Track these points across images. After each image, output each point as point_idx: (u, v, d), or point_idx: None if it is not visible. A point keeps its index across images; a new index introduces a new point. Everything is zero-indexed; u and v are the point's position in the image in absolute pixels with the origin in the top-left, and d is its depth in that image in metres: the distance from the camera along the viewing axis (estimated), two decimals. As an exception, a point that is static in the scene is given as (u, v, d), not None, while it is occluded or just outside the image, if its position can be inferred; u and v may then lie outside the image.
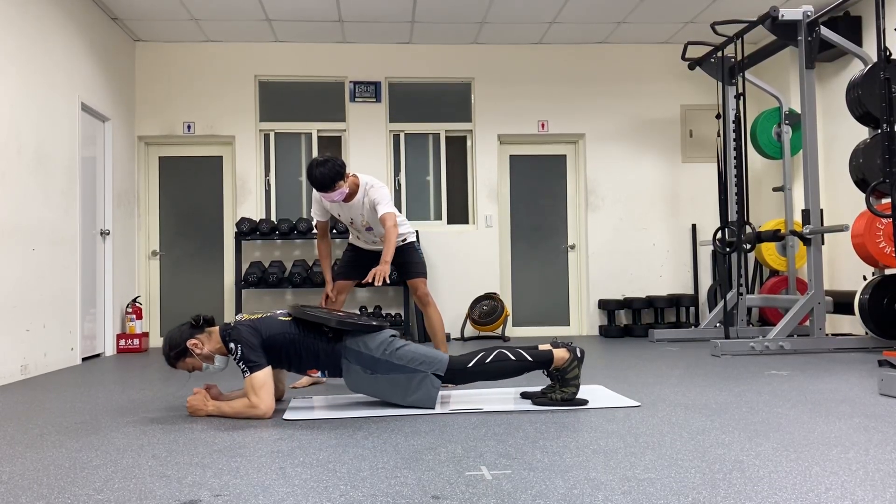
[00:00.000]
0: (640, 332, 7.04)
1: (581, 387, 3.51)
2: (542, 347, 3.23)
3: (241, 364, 3.04)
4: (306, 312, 3.18)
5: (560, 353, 3.19)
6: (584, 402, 3.22)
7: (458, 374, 3.18)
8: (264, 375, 3.04)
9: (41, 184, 5.07)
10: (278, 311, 3.29)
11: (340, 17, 6.63)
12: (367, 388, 3.19)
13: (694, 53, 6.90)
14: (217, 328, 3.21)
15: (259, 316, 3.21)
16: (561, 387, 3.20)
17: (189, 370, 3.22)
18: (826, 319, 5.56)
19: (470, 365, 3.17)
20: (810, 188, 5.46)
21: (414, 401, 3.14)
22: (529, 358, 3.17)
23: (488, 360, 3.17)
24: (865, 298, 5.28)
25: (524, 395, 3.38)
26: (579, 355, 3.21)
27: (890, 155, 4.25)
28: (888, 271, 5.60)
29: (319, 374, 3.20)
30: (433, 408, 3.14)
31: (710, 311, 7.04)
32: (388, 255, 3.80)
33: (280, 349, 3.14)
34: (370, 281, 3.68)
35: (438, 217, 7.47)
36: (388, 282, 3.75)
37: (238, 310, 6.78)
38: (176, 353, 3.17)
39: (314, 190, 3.98)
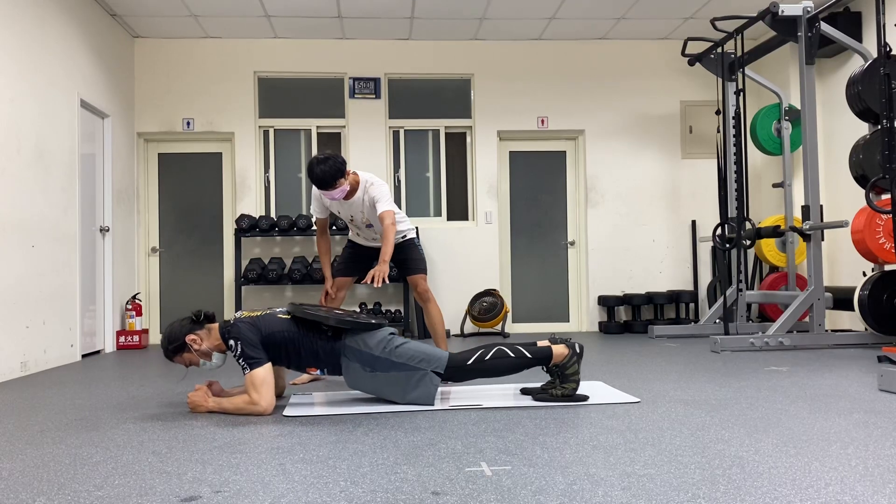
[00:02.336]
0: (640, 329, 7.04)
1: (581, 382, 3.51)
2: (540, 344, 3.24)
3: (240, 361, 3.04)
4: (305, 311, 3.18)
5: (559, 350, 3.19)
6: (585, 397, 3.23)
7: (458, 371, 3.18)
8: (264, 372, 3.05)
9: (41, 180, 5.07)
10: (278, 309, 3.28)
11: (340, 14, 6.62)
12: (367, 386, 3.19)
13: (694, 49, 6.90)
14: (217, 325, 3.22)
15: (259, 314, 3.20)
16: (561, 383, 3.21)
17: (186, 365, 3.23)
18: (826, 315, 5.56)
19: (469, 362, 3.17)
20: (810, 184, 5.46)
21: (413, 398, 3.14)
22: (528, 355, 3.18)
23: (487, 357, 3.17)
24: (865, 294, 5.28)
25: (524, 392, 3.38)
26: (578, 351, 3.21)
27: (890, 151, 4.25)
28: (888, 267, 5.60)
29: (318, 372, 3.20)
30: (432, 405, 3.14)
31: (710, 308, 7.04)
32: (386, 255, 3.79)
33: (279, 347, 3.14)
34: (369, 282, 3.67)
35: (438, 213, 7.46)
36: (388, 282, 3.74)
37: (238, 307, 6.78)
38: (174, 347, 3.18)
39: (314, 187, 3.98)
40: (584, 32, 7.26)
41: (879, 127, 4.74)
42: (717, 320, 6.48)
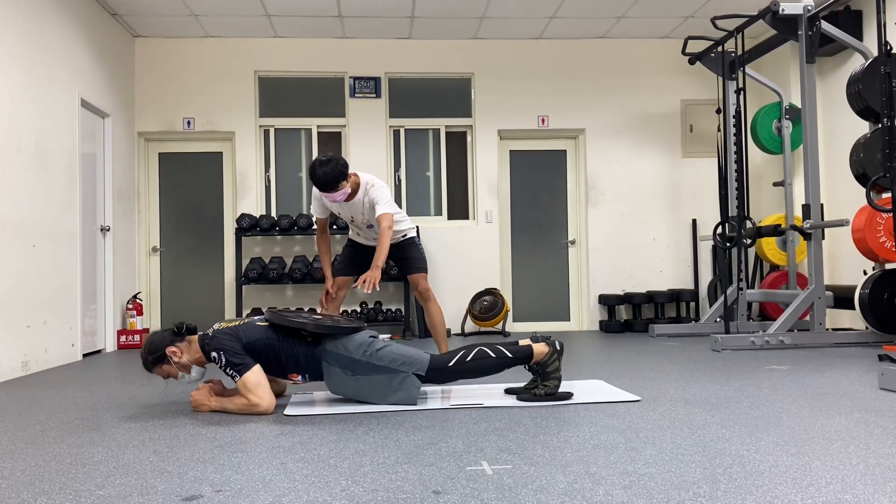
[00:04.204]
0: (641, 328, 7.04)
1: (580, 381, 3.51)
2: (521, 343, 3.25)
3: (228, 370, 3.03)
4: (283, 318, 3.17)
5: (539, 348, 3.20)
6: (569, 395, 3.22)
7: (439, 373, 3.18)
8: (255, 375, 3.04)
9: (41, 180, 5.07)
10: (256, 318, 3.27)
11: (340, 13, 6.62)
12: (349, 390, 3.19)
13: (694, 48, 6.89)
14: (196, 337, 3.20)
15: (237, 323, 3.19)
16: (542, 381, 3.21)
17: (164, 377, 3.20)
18: (826, 314, 5.56)
19: (450, 364, 3.17)
20: (811, 183, 5.46)
21: (395, 401, 3.14)
22: (509, 354, 3.19)
23: (468, 358, 3.18)
24: (866, 293, 5.27)
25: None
26: (558, 348, 3.22)
27: (890, 149, 4.25)
28: (888, 266, 5.60)
29: (300, 378, 3.19)
30: (415, 405, 3.14)
31: (711, 306, 7.04)
32: (379, 260, 3.77)
33: (260, 354, 3.12)
34: (359, 287, 3.68)
35: (439, 212, 7.46)
36: (378, 289, 3.72)
37: (239, 306, 6.79)
38: (154, 358, 3.15)
39: (315, 187, 3.98)
40: (584, 31, 7.26)
41: (880, 126, 4.74)
42: (718, 319, 6.48)
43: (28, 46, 4.96)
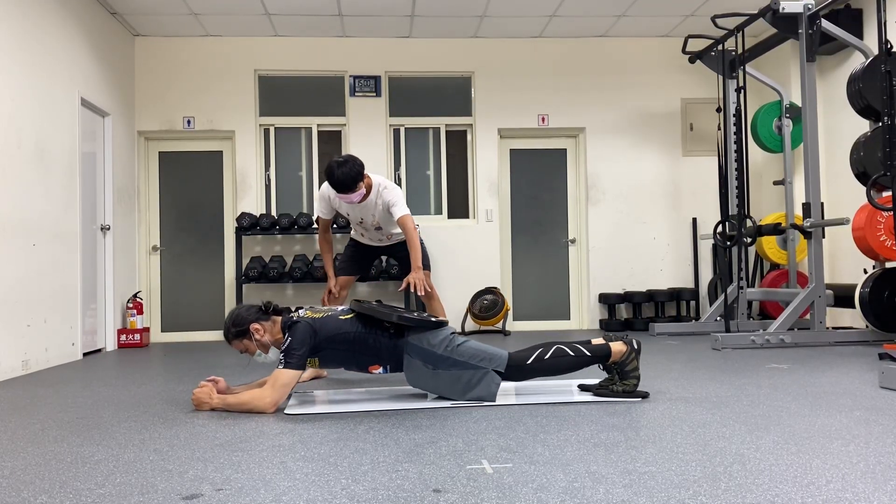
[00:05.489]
0: (641, 326, 7.04)
1: (580, 380, 3.51)
2: (595, 342, 3.23)
3: (282, 354, 3.08)
4: (367, 307, 3.21)
5: (617, 347, 3.19)
6: (646, 394, 3.22)
7: (517, 370, 3.18)
8: (292, 376, 3.06)
9: (41, 179, 5.07)
10: (339, 308, 3.31)
11: (340, 12, 6.61)
12: (428, 384, 3.21)
13: (694, 47, 6.89)
14: (281, 318, 3.24)
15: (320, 315, 3.22)
16: (621, 379, 3.20)
17: (242, 351, 3.25)
18: (827, 313, 5.56)
19: (529, 361, 3.17)
20: (811, 181, 5.46)
21: (473, 396, 3.15)
22: (587, 353, 3.17)
23: (547, 356, 3.17)
24: (866, 292, 5.27)
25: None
26: (636, 347, 3.20)
27: (891, 148, 4.24)
28: (889, 264, 5.60)
29: (381, 370, 3.21)
30: (493, 401, 3.14)
31: (711, 305, 7.04)
32: (417, 261, 3.80)
33: (340, 347, 3.16)
34: (412, 291, 3.69)
35: (439, 211, 7.46)
36: (430, 288, 3.76)
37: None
38: (238, 331, 3.20)
39: (322, 188, 3.98)
40: (584, 30, 7.26)
41: (880, 124, 4.73)
42: (718, 318, 6.48)
43: (28, 45, 4.96)
